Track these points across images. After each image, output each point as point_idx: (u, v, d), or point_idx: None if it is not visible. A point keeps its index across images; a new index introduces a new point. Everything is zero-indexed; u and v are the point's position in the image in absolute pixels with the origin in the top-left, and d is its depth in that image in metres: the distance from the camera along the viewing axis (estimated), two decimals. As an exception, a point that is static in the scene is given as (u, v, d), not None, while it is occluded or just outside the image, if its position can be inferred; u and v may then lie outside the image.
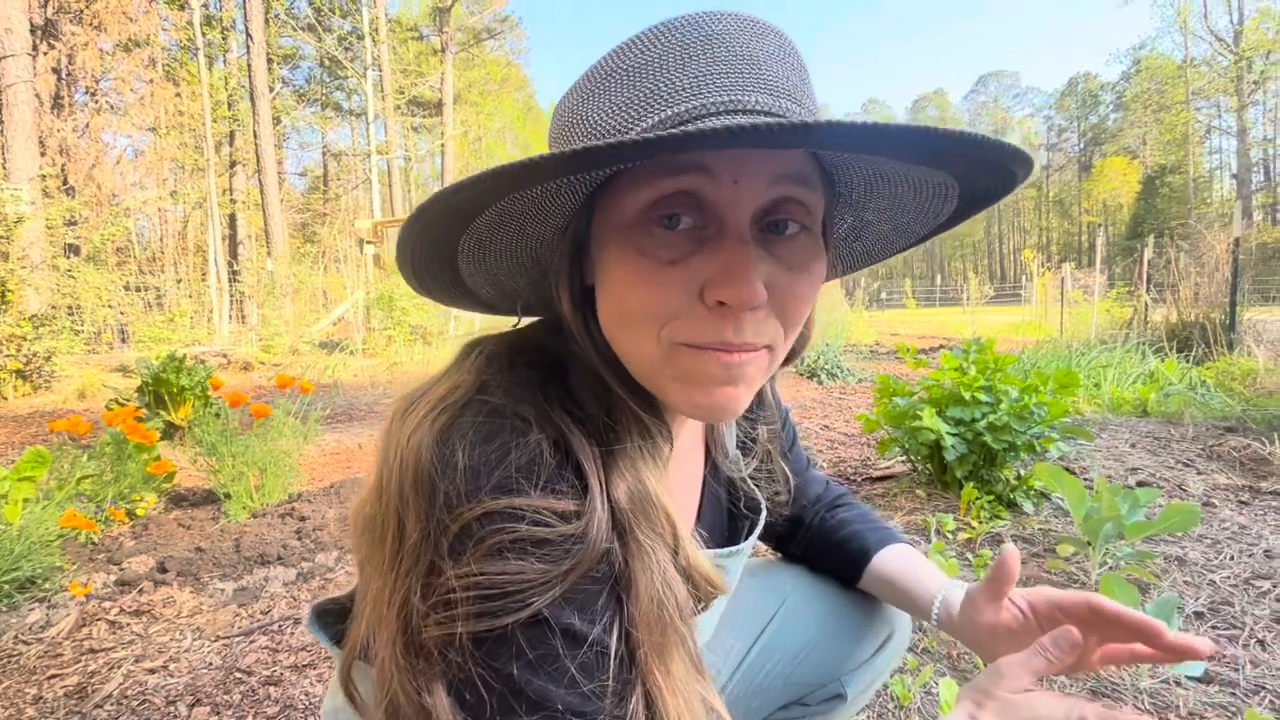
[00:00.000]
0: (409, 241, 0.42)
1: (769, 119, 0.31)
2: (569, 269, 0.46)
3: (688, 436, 0.61)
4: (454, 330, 9.54)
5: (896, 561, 0.74)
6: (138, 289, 11.75)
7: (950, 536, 1.93)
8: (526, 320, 0.55)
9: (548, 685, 0.39)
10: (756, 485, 0.68)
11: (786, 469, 0.72)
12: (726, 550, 0.64)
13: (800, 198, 0.41)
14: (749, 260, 0.40)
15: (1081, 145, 60.64)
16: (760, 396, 0.68)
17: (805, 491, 0.80)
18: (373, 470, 0.44)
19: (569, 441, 0.42)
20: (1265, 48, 36.92)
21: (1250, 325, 5.14)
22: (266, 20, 17.80)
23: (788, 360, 0.52)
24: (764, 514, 0.68)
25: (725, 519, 0.67)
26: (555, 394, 0.45)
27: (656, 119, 0.39)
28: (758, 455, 0.68)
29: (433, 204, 0.38)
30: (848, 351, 7.02)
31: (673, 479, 0.57)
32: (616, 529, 0.42)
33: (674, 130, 0.33)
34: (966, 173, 0.42)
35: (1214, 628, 1.36)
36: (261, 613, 1.66)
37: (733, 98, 0.39)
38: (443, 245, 0.44)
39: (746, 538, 0.66)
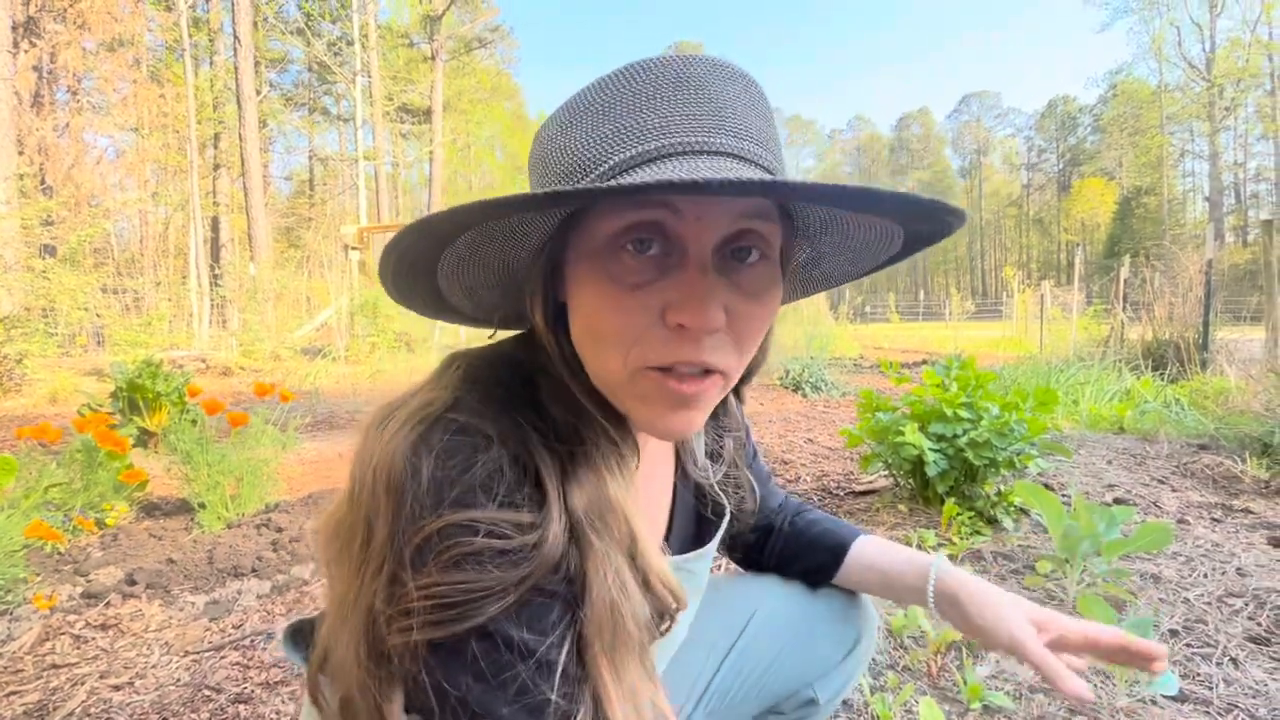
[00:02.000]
0: (390, 261, 0.45)
1: (730, 171, 0.37)
2: (543, 287, 0.49)
3: (658, 446, 0.64)
4: (438, 338, 9.47)
5: (875, 548, 0.76)
6: (115, 291, 11.54)
7: (931, 552, 1.94)
8: (504, 333, 0.58)
9: (496, 696, 0.41)
10: (723, 493, 0.70)
11: (751, 479, 0.75)
12: (695, 553, 0.66)
13: (760, 229, 0.45)
14: (708, 287, 0.43)
15: (1060, 166, 62.04)
16: (725, 406, 0.70)
17: (768, 502, 0.83)
18: (346, 478, 0.46)
19: (531, 455, 0.45)
20: (1236, 75, 38.17)
21: (1222, 345, 5.26)
22: (255, 23, 17.66)
23: (743, 380, 0.58)
24: (728, 516, 0.70)
25: (694, 525, 0.70)
26: (524, 407, 0.47)
27: (627, 155, 0.42)
28: (725, 463, 0.70)
29: (414, 228, 0.41)
30: (832, 365, 7.07)
31: (642, 489, 0.59)
32: (572, 535, 0.44)
33: (638, 181, 0.35)
34: (907, 222, 0.47)
35: (1188, 645, 1.38)
36: (233, 627, 1.62)
37: (699, 139, 0.42)
38: (423, 263, 0.47)
39: (713, 539, 0.69)
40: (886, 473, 2.54)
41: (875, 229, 0.50)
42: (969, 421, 2.15)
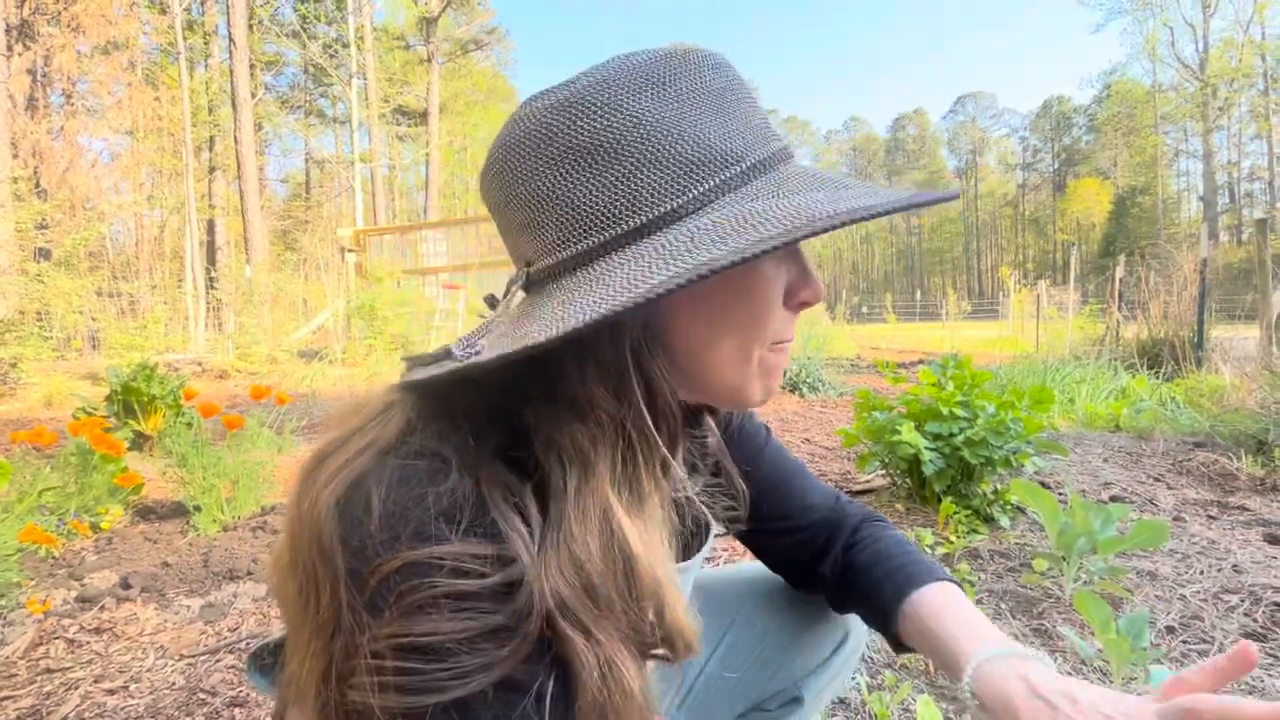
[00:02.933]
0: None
1: (872, 202, 0.39)
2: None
3: None
4: (435, 341, 9.46)
5: (933, 608, 0.58)
6: (110, 295, 11.51)
7: (929, 551, 1.95)
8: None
9: None
10: (712, 498, 0.65)
11: (739, 481, 0.67)
12: (678, 566, 0.60)
13: None
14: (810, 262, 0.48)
15: (1055, 166, 62.30)
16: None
17: (803, 505, 0.71)
18: (285, 524, 0.41)
19: (490, 501, 0.38)
20: (1229, 75, 38.38)
21: (1217, 343, 5.28)
22: (250, 26, 17.65)
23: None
24: (713, 531, 0.65)
25: (675, 534, 0.64)
26: (493, 439, 0.41)
27: (759, 156, 0.43)
28: (708, 469, 0.65)
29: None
30: (829, 365, 7.08)
31: None
32: (550, 619, 0.38)
33: (829, 218, 0.37)
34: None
35: (1184, 642, 1.38)
36: (229, 630, 1.62)
37: (783, 140, 0.45)
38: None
39: (695, 554, 0.64)
40: (883, 472, 2.54)
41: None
42: (965, 420, 2.15)
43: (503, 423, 0.42)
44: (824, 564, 0.69)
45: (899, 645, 0.61)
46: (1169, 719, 0.40)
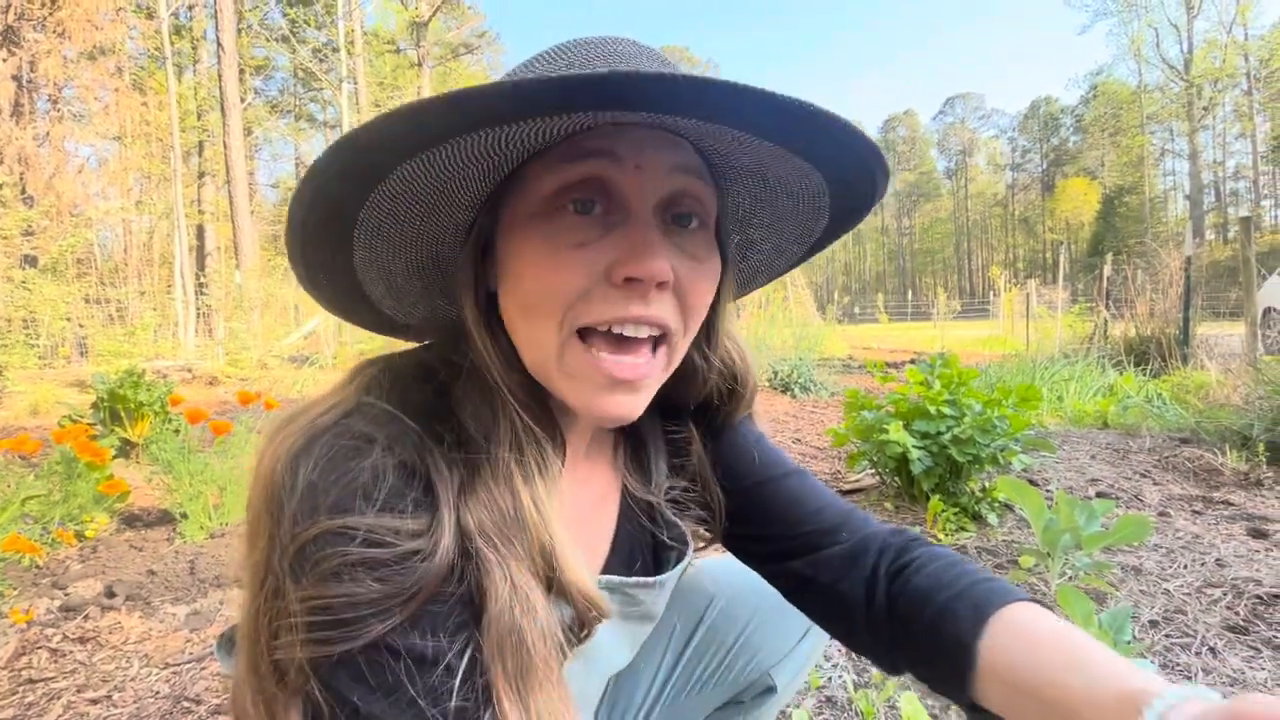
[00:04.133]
0: (306, 194, 0.39)
1: (683, 77, 0.33)
2: (473, 267, 0.47)
3: (601, 455, 0.60)
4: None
5: (1028, 646, 0.44)
6: (98, 301, 11.40)
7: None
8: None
9: (388, 713, 0.38)
10: (687, 508, 0.63)
11: (721, 496, 0.63)
12: (638, 579, 0.59)
13: (695, 191, 0.45)
14: (656, 239, 0.42)
15: (1044, 166, 62.83)
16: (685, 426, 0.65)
17: (821, 522, 0.60)
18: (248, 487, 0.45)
19: (423, 462, 0.42)
20: (1213, 75, 38.86)
21: (1203, 340, 5.34)
22: (239, 30, 17.58)
23: (734, 402, 0.58)
24: (690, 548, 0.63)
25: (649, 547, 0.63)
26: (426, 413, 0.45)
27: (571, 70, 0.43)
28: (688, 475, 0.64)
29: (337, 150, 0.36)
30: (820, 366, 7.10)
31: (579, 499, 0.57)
32: (469, 549, 0.42)
33: (607, 71, 0.33)
34: (834, 165, 0.44)
35: (1167, 636, 1.40)
36: (214, 638, 1.60)
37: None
38: (340, 216, 0.42)
39: (672, 568, 0.62)
40: (873, 471, 2.55)
41: (803, 200, 0.50)
42: (952, 419, 2.16)
43: (433, 388, 0.47)
44: (876, 595, 0.54)
45: (976, 710, 0.46)
46: None
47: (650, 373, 0.45)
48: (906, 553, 0.55)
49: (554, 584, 0.44)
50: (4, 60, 13.34)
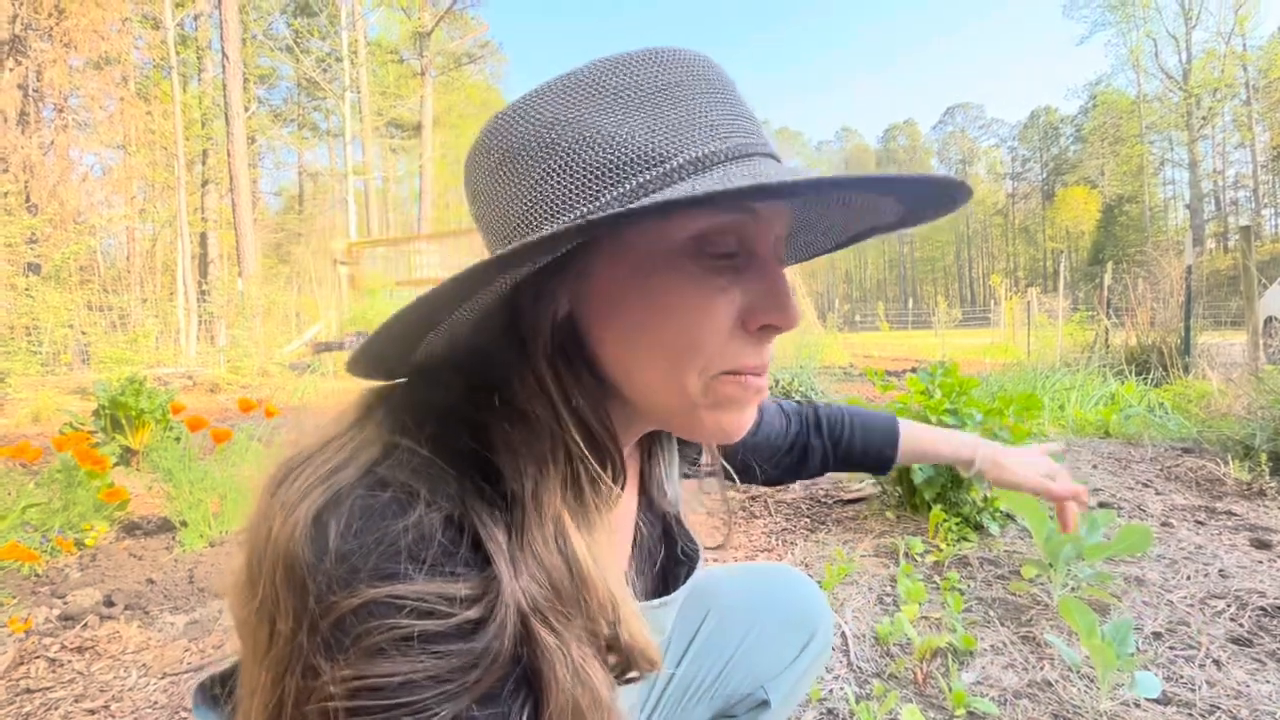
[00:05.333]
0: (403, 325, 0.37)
1: (793, 174, 0.35)
2: (553, 298, 0.42)
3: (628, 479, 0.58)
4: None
5: (914, 439, 0.87)
6: (101, 308, 11.43)
7: (918, 559, 1.95)
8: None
9: None
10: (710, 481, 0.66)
11: (729, 502, 0.70)
12: (659, 601, 0.60)
13: (787, 230, 0.46)
14: (789, 285, 0.42)
15: (1044, 175, 63.03)
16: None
17: (770, 435, 0.81)
18: (244, 542, 0.39)
19: (469, 514, 0.37)
20: (1212, 85, 39.03)
21: (1204, 349, 5.32)
22: (244, 40, 17.72)
23: None
24: (701, 559, 0.64)
25: (660, 561, 0.64)
26: (468, 457, 0.39)
27: (700, 152, 0.38)
28: (700, 476, 0.66)
29: (457, 285, 0.34)
30: (822, 373, 7.10)
31: (616, 531, 0.54)
32: (522, 627, 0.37)
33: (780, 180, 0.33)
34: (920, 206, 0.45)
35: (1171, 648, 1.39)
36: (213, 647, 1.60)
37: (752, 140, 0.41)
38: (430, 321, 0.39)
39: (683, 583, 0.63)
40: (873, 480, 2.55)
41: (865, 206, 0.49)
42: (954, 428, 2.16)
43: (469, 429, 0.41)
44: (812, 457, 0.84)
45: (886, 470, 0.88)
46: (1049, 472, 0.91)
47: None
48: (829, 428, 0.85)
49: (616, 641, 0.41)
50: (10, 70, 13.45)
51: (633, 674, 0.44)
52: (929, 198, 0.43)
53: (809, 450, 0.83)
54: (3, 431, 5.37)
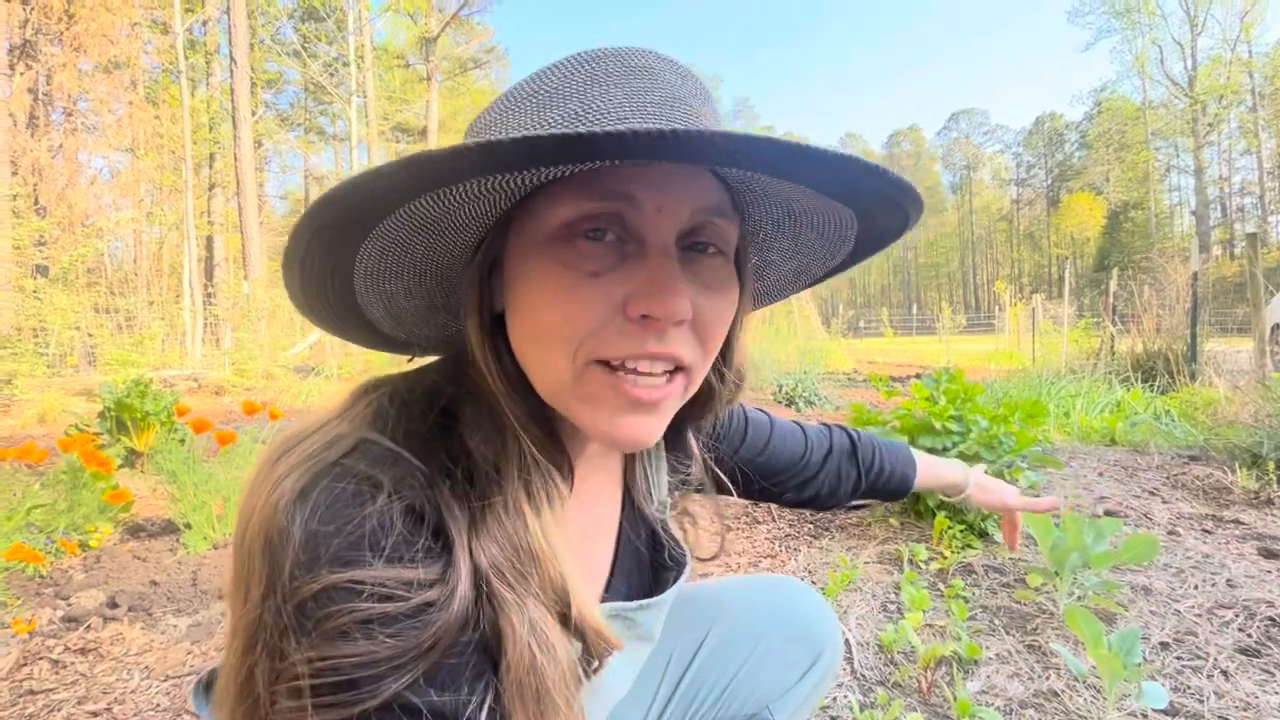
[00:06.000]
0: (304, 237, 0.37)
1: (700, 129, 0.31)
2: (479, 288, 0.44)
3: (602, 475, 0.59)
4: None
5: (925, 459, 0.94)
6: (108, 311, 11.49)
7: (922, 566, 1.94)
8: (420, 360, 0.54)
9: None
10: (680, 530, 0.65)
11: (727, 476, 0.70)
12: (639, 603, 0.60)
13: (717, 226, 0.43)
14: (675, 273, 0.40)
15: (1049, 181, 62.91)
16: (683, 440, 0.64)
17: (795, 456, 0.81)
18: (237, 519, 0.41)
19: (433, 504, 0.40)
20: (1218, 92, 38.96)
21: (1211, 356, 5.30)
22: (252, 45, 17.85)
23: (735, 398, 0.55)
24: (689, 565, 0.64)
25: (647, 566, 0.64)
26: (436, 446, 0.42)
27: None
28: (694, 482, 0.65)
29: (338, 193, 0.34)
30: (825, 379, 7.09)
31: (581, 522, 0.55)
32: (483, 591, 0.40)
33: (610, 128, 0.30)
34: (865, 205, 0.43)
35: (1178, 658, 1.37)
36: (216, 650, 1.60)
37: (658, 123, 0.39)
38: (340, 250, 0.40)
39: (670, 586, 0.63)
40: (878, 487, 2.53)
41: (828, 229, 0.48)
42: (958, 434, 2.15)
43: (443, 409, 0.45)
44: (844, 484, 0.86)
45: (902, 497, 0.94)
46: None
47: (669, 394, 0.43)
48: (862, 455, 0.87)
49: (567, 619, 0.43)
50: (21, 74, 13.58)
51: (594, 662, 0.45)
52: (868, 197, 0.41)
53: (842, 477, 0.84)
54: (9, 432, 5.40)
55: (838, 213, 0.45)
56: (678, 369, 0.44)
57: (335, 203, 0.35)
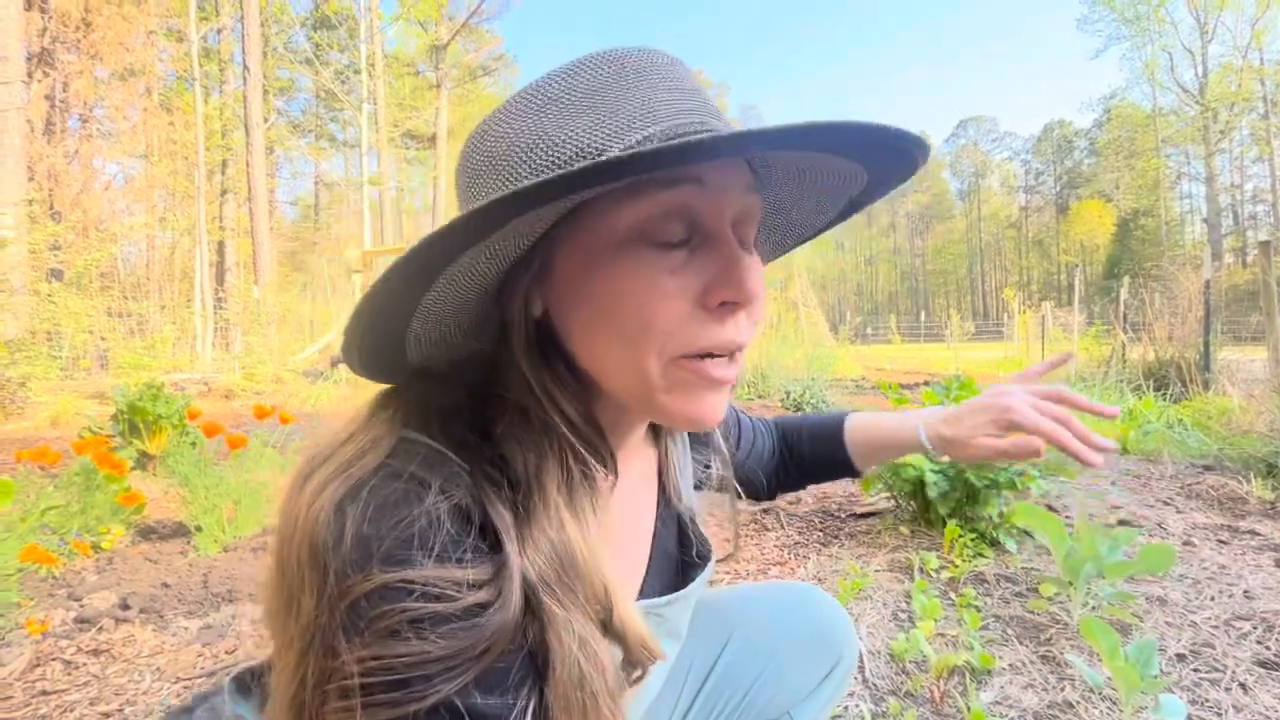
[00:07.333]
0: (365, 317, 0.39)
1: (766, 129, 0.34)
2: (524, 298, 0.45)
3: (639, 471, 0.60)
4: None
5: (863, 428, 0.81)
6: (120, 315, 11.61)
7: (934, 575, 1.92)
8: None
9: None
10: (733, 492, 0.68)
11: (735, 504, 0.71)
12: (668, 599, 0.60)
13: (754, 206, 0.45)
14: (744, 258, 0.42)
15: (1058, 189, 62.63)
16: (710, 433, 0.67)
17: (761, 453, 0.84)
18: (273, 536, 0.41)
19: (480, 505, 0.40)
20: (1229, 99, 38.70)
21: (1224, 365, 5.24)
22: (264, 53, 18.08)
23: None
24: (713, 559, 0.65)
25: (675, 565, 0.65)
26: (474, 450, 0.42)
27: (638, 136, 0.39)
28: (711, 488, 0.67)
29: (407, 266, 0.36)
30: (833, 386, 7.06)
31: (621, 517, 0.55)
32: (530, 602, 0.39)
33: (700, 136, 0.33)
34: (873, 159, 0.44)
35: (1195, 670, 1.36)
36: (226, 652, 1.60)
37: (696, 120, 0.42)
38: (401, 309, 0.41)
39: (693, 581, 0.64)
40: (888, 495, 2.52)
41: (833, 175, 0.49)
42: (969, 442, 2.13)
43: (474, 423, 0.44)
44: (783, 470, 0.85)
45: (855, 473, 0.82)
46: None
47: (735, 372, 0.46)
48: (787, 441, 0.85)
49: (609, 628, 0.43)
50: (39, 81, 13.79)
51: (636, 671, 0.45)
52: (877, 151, 0.43)
53: (786, 464, 0.86)
54: (23, 435, 5.46)
55: (847, 166, 0.47)
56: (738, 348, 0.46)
57: (408, 266, 0.36)
